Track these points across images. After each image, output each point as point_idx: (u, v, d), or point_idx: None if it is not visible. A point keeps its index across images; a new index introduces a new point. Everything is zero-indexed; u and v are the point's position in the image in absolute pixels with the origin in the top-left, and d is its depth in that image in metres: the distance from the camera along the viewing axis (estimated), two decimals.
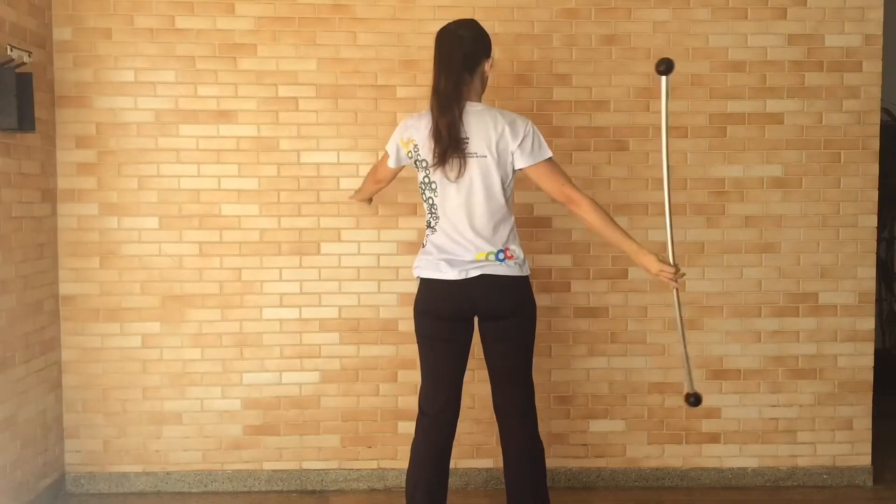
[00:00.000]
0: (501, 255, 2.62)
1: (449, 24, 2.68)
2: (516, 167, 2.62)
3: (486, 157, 2.58)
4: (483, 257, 2.61)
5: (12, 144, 3.05)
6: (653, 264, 2.61)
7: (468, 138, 2.58)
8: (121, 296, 3.42)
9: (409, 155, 2.68)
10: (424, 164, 2.63)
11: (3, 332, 2.99)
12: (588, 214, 2.63)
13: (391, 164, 2.77)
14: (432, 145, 2.58)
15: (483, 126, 2.58)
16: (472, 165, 2.58)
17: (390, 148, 2.75)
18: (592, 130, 3.47)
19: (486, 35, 2.68)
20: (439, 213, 2.64)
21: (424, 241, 2.71)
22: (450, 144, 2.55)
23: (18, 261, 3.09)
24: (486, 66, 2.66)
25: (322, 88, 3.42)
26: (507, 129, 2.59)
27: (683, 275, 2.64)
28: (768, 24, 3.46)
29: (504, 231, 2.64)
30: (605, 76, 3.45)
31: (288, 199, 3.44)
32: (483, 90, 2.71)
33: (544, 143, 2.63)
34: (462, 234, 2.61)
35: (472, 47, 2.62)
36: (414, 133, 2.65)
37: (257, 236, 3.44)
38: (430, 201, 2.65)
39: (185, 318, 3.44)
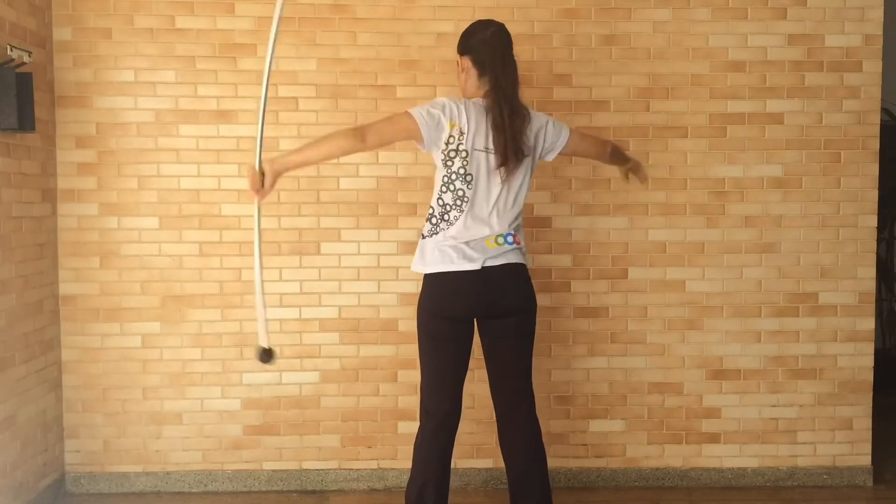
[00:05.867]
0: (510, 239, 2.63)
1: (487, 24, 2.68)
2: (563, 142, 2.74)
3: (528, 155, 2.63)
4: (493, 239, 2.61)
5: (12, 144, 3.05)
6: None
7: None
8: (121, 296, 3.42)
9: (448, 140, 2.57)
10: (465, 155, 2.57)
11: (3, 332, 2.99)
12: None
13: (421, 126, 2.55)
14: (490, 143, 2.57)
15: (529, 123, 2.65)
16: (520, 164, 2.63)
17: (424, 116, 2.54)
18: (592, 130, 3.46)
19: None
20: (467, 206, 2.60)
21: (431, 231, 2.63)
22: (519, 147, 2.58)
23: (18, 261, 3.09)
24: None
25: (322, 88, 3.42)
26: (547, 124, 2.70)
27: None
28: (768, 24, 3.46)
29: (517, 223, 2.68)
30: (605, 76, 3.45)
31: (288, 199, 3.44)
32: None
33: (551, 128, 2.73)
34: (489, 226, 2.60)
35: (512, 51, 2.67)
36: (459, 119, 2.57)
37: None
38: (461, 192, 2.59)
39: (185, 318, 3.44)
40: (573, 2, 3.43)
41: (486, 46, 2.60)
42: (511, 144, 2.56)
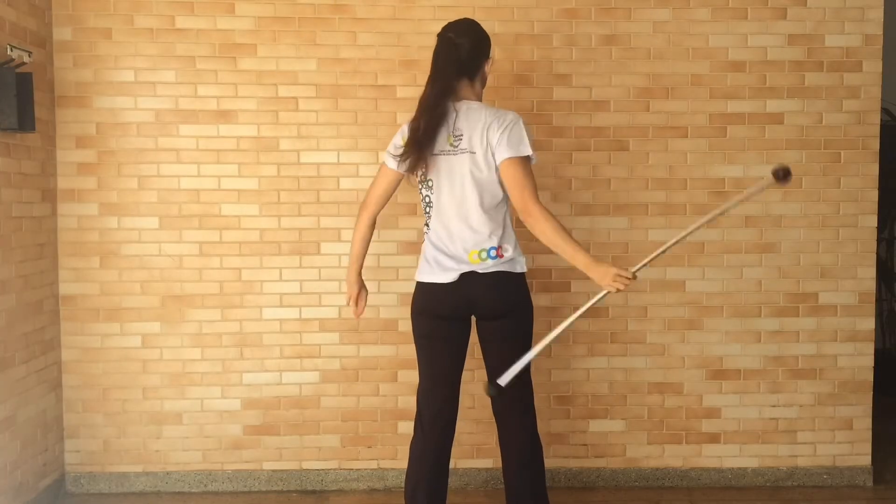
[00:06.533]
0: (493, 253, 2.61)
1: (448, 29, 2.69)
2: (497, 160, 2.56)
3: (475, 153, 2.59)
4: (476, 254, 2.61)
5: (12, 144, 3.05)
6: (606, 276, 2.49)
7: (461, 135, 2.59)
8: (121, 296, 3.42)
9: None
10: (422, 163, 2.65)
11: (3, 332, 2.99)
12: (540, 224, 2.51)
13: (391, 166, 2.71)
14: (445, 145, 2.61)
15: (475, 122, 2.60)
16: (463, 161, 2.59)
17: (390, 152, 2.72)
18: (592, 130, 3.47)
19: (486, 37, 2.70)
20: (434, 210, 2.66)
21: (426, 236, 2.71)
22: (422, 146, 2.57)
23: (18, 261, 3.09)
24: (486, 67, 2.70)
25: (322, 88, 3.42)
26: (494, 122, 2.58)
27: (630, 280, 2.50)
28: (768, 24, 3.45)
29: (498, 229, 2.63)
30: (605, 76, 3.45)
31: (288, 199, 3.44)
32: (482, 88, 2.73)
33: (526, 141, 2.57)
34: (454, 232, 2.62)
35: (471, 54, 2.65)
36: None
37: (257, 236, 3.44)
38: (427, 199, 2.67)
39: (185, 318, 3.44)
40: (573, 2, 3.43)
41: (434, 53, 2.67)
42: (412, 147, 2.59)
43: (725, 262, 3.50)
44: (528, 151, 2.57)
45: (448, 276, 2.61)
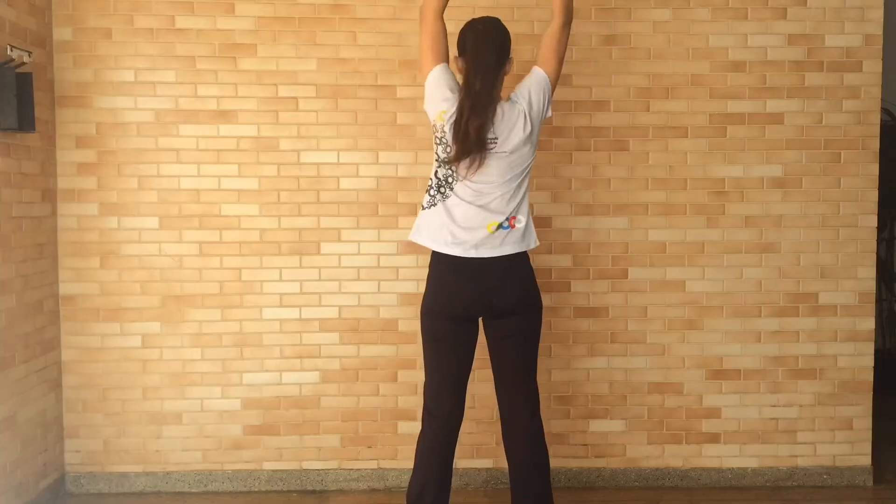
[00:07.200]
0: (506, 224, 2.63)
1: (476, 22, 2.69)
2: (547, 106, 2.71)
3: (513, 152, 2.60)
4: (495, 225, 2.61)
5: (12, 144, 3.05)
6: None
7: (496, 137, 2.59)
8: (121, 296, 3.42)
9: (434, 126, 2.65)
10: (445, 143, 2.61)
11: (3, 332, 2.99)
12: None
13: (434, 62, 2.68)
14: (454, 141, 2.58)
15: (506, 124, 2.61)
16: (495, 160, 2.59)
17: (437, 81, 2.65)
18: (592, 130, 3.47)
19: (509, 35, 2.72)
20: (455, 187, 2.62)
21: (430, 203, 2.66)
22: (475, 146, 2.55)
23: (18, 261, 3.09)
24: (507, 67, 2.70)
25: (322, 88, 3.42)
26: (519, 117, 2.62)
27: None
28: (768, 24, 3.46)
29: (515, 203, 2.65)
30: (605, 76, 3.45)
31: (288, 199, 3.44)
32: (501, 87, 2.73)
33: (525, 87, 2.68)
34: (472, 212, 2.61)
35: (503, 52, 2.66)
36: (447, 113, 2.62)
37: (257, 236, 3.44)
38: (447, 178, 2.64)
39: (185, 318, 3.44)
40: (573, 2, 3.42)
41: (469, 47, 2.64)
42: (463, 144, 2.55)
43: (725, 262, 3.51)
44: (538, 70, 2.72)
45: (461, 251, 2.59)
